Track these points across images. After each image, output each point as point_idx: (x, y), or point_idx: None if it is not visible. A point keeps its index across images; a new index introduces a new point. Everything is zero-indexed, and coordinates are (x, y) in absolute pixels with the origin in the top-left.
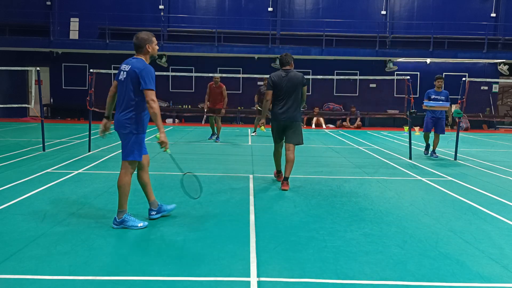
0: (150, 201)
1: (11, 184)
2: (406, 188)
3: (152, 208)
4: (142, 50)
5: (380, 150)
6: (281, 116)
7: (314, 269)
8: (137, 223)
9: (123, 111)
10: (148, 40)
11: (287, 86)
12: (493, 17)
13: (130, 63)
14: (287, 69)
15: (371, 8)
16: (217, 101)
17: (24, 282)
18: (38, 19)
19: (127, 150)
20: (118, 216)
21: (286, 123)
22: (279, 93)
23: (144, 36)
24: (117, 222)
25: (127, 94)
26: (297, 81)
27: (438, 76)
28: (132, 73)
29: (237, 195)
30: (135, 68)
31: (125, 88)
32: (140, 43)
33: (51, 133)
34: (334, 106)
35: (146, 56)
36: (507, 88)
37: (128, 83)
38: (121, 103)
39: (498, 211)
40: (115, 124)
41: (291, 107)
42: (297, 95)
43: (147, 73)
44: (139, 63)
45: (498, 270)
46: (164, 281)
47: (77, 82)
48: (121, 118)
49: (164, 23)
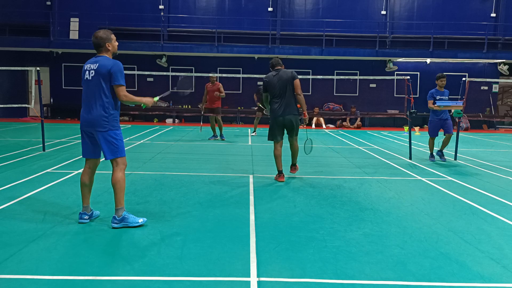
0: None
1: (11, 184)
2: (406, 188)
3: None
4: (103, 48)
5: (380, 150)
6: (280, 112)
7: (314, 269)
8: (137, 219)
9: (97, 110)
10: (107, 38)
11: (279, 83)
12: (493, 17)
13: (96, 61)
14: (278, 69)
15: (371, 8)
16: (215, 100)
17: (24, 282)
18: (38, 19)
19: (112, 148)
20: (117, 214)
21: (285, 118)
22: (274, 91)
23: (103, 34)
24: (117, 221)
25: (98, 93)
26: (286, 76)
27: (442, 75)
28: (102, 70)
29: (237, 195)
30: (104, 65)
31: (96, 87)
32: (99, 41)
33: (51, 133)
34: (334, 106)
35: (108, 53)
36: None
37: (99, 81)
38: (92, 102)
39: (498, 211)
40: (87, 125)
41: (288, 102)
42: (291, 90)
43: (117, 69)
44: (107, 60)
45: (498, 270)
46: (164, 281)
47: (77, 82)
48: (97, 117)
49: (164, 23)
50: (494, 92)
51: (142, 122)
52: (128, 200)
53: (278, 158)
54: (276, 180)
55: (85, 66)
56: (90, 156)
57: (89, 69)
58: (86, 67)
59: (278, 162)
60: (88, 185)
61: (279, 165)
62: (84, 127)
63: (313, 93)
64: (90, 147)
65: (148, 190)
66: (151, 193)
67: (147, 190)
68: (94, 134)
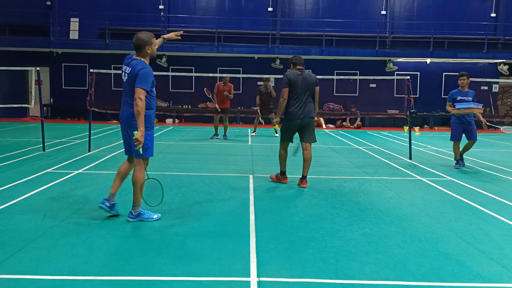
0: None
1: (11, 184)
2: (406, 188)
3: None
4: (142, 51)
5: (380, 150)
6: (298, 114)
7: (314, 269)
8: (152, 215)
9: (130, 111)
10: (148, 42)
11: (302, 84)
12: (493, 17)
13: (130, 65)
14: (301, 69)
15: (371, 8)
16: (225, 100)
17: (24, 282)
18: (38, 19)
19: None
20: (134, 210)
21: (304, 120)
22: (295, 91)
23: (144, 37)
24: (133, 216)
25: (130, 94)
26: (311, 80)
27: (461, 74)
28: (133, 74)
29: (237, 195)
30: (135, 69)
31: (129, 88)
32: (140, 44)
33: (51, 133)
34: (334, 106)
35: (145, 57)
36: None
37: (131, 84)
38: (126, 102)
39: (498, 211)
40: (121, 122)
41: (307, 105)
42: (312, 94)
43: (143, 73)
44: (139, 65)
45: (498, 270)
46: (164, 281)
47: (77, 82)
48: (128, 117)
49: (164, 23)
50: (494, 92)
51: None
52: (128, 200)
53: (285, 158)
54: (278, 181)
55: (123, 66)
56: (129, 153)
57: (124, 71)
58: (123, 68)
59: (284, 162)
60: (121, 174)
61: (284, 166)
62: (120, 124)
63: None
64: (128, 143)
65: (148, 190)
66: (150, 193)
67: (146, 190)
68: (128, 131)
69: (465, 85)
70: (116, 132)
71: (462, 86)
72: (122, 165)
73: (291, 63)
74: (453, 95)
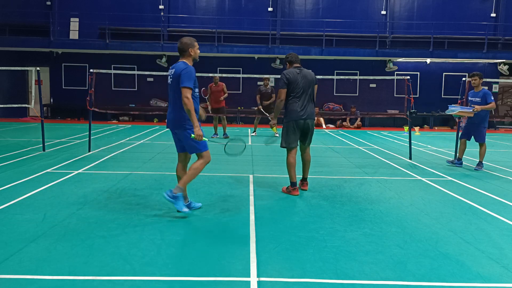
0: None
1: (11, 184)
2: (406, 188)
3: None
4: (185, 53)
5: (380, 150)
6: (301, 114)
7: (314, 269)
8: (184, 207)
9: (177, 112)
10: (190, 44)
11: (302, 82)
12: (493, 17)
13: (175, 67)
14: (299, 67)
15: (371, 8)
16: (220, 100)
17: (24, 282)
18: (38, 19)
19: (193, 144)
20: (175, 190)
21: (307, 121)
22: (296, 90)
23: (187, 41)
24: (170, 195)
25: (175, 96)
26: (311, 77)
27: (471, 74)
28: (176, 75)
29: (237, 195)
30: (178, 70)
31: (175, 91)
32: (183, 47)
33: (51, 133)
34: (334, 106)
35: (189, 58)
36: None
37: (175, 85)
38: (173, 105)
39: (498, 211)
40: (171, 125)
41: (309, 106)
42: (312, 92)
43: (186, 72)
44: (182, 65)
45: (498, 270)
46: (164, 281)
47: (77, 82)
48: (177, 118)
49: (164, 23)
50: (494, 92)
51: (142, 122)
52: (128, 200)
53: (293, 167)
54: (289, 193)
55: (169, 70)
56: (179, 150)
57: (170, 74)
58: (168, 72)
59: (293, 172)
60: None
61: (293, 176)
62: (168, 126)
63: None
64: (177, 143)
65: (148, 190)
66: (151, 193)
67: (147, 190)
68: (177, 132)
69: (477, 85)
70: (116, 132)
71: (474, 86)
72: (177, 167)
73: (287, 62)
74: (468, 96)
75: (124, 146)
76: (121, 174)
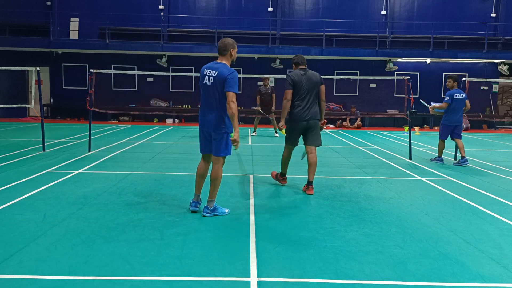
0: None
1: (11, 184)
2: (406, 188)
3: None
4: (226, 53)
5: (380, 150)
6: (304, 116)
7: (314, 269)
8: (224, 209)
9: (216, 114)
10: (232, 45)
11: (307, 84)
12: (493, 17)
13: (215, 68)
14: (304, 68)
15: (371, 8)
16: None
17: (24, 282)
18: (38, 19)
19: (222, 147)
20: (210, 205)
21: (310, 122)
22: (301, 91)
23: (230, 41)
24: (209, 211)
25: (217, 97)
26: (315, 79)
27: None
28: (220, 78)
29: (237, 195)
30: (222, 73)
31: (215, 92)
32: (226, 47)
33: (51, 133)
34: (334, 106)
35: (228, 59)
36: (507, 88)
37: (217, 87)
38: (211, 106)
39: (498, 211)
40: (206, 126)
41: (313, 106)
42: (317, 94)
43: (233, 77)
44: (226, 69)
45: (498, 270)
46: (164, 281)
47: (77, 82)
48: (215, 120)
49: (164, 23)
50: (494, 92)
51: (142, 122)
52: (128, 200)
53: (287, 161)
54: (277, 180)
55: (204, 70)
56: (205, 151)
57: (209, 75)
58: (205, 72)
59: (286, 165)
60: (202, 175)
61: (285, 168)
62: (202, 127)
63: None
64: (205, 144)
65: (148, 190)
66: (151, 193)
67: (147, 190)
68: (212, 134)
69: (450, 87)
70: (116, 132)
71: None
72: (200, 166)
73: (294, 63)
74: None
75: (124, 146)
76: (121, 174)
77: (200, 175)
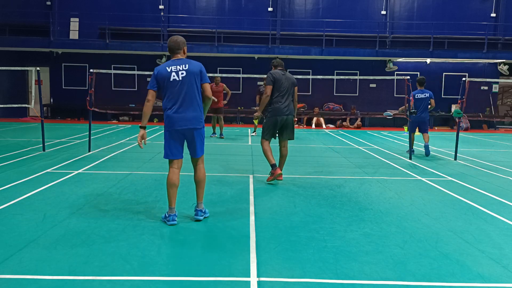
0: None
1: (11, 184)
2: (406, 188)
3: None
4: (180, 51)
5: (380, 150)
6: (285, 110)
7: (314, 269)
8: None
9: (192, 109)
10: (184, 42)
11: (286, 82)
12: (493, 17)
13: (182, 63)
14: (282, 69)
15: (371, 8)
16: (218, 100)
17: (24, 282)
18: (38, 19)
19: (203, 144)
20: (202, 207)
21: (288, 117)
22: (281, 88)
23: (182, 39)
24: (203, 213)
25: (192, 92)
26: (292, 80)
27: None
28: (194, 71)
29: (237, 195)
30: (195, 66)
31: (191, 85)
32: (179, 44)
33: (51, 133)
34: (334, 106)
35: (184, 56)
36: (507, 88)
37: (192, 81)
38: (189, 101)
39: (498, 211)
40: (184, 124)
41: (290, 103)
42: (293, 93)
43: (204, 69)
44: (194, 62)
45: (498, 270)
46: (164, 281)
47: (77, 82)
48: (193, 116)
49: (164, 23)
50: (494, 92)
51: None
52: (128, 200)
53: (270, 151)
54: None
55: (167, 68)
56: (179, 156)
57: (178, 70)
58: (170, 69)
59: (270, 155)
60: (177, 185)
61: (271, 158)
62: (177, 127)
63: (313, 93)
64: (178, 148)
65: (148, 190)
66: (151, 193)
67: (147, 190)
68: (188, 132)
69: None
70: (116, 132)
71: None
72: (171, 176)
73: (273, 66)
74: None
75: (124, 146)
76: (121, 174)
77: (175, 185)
